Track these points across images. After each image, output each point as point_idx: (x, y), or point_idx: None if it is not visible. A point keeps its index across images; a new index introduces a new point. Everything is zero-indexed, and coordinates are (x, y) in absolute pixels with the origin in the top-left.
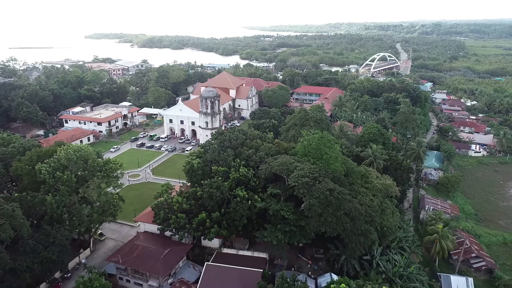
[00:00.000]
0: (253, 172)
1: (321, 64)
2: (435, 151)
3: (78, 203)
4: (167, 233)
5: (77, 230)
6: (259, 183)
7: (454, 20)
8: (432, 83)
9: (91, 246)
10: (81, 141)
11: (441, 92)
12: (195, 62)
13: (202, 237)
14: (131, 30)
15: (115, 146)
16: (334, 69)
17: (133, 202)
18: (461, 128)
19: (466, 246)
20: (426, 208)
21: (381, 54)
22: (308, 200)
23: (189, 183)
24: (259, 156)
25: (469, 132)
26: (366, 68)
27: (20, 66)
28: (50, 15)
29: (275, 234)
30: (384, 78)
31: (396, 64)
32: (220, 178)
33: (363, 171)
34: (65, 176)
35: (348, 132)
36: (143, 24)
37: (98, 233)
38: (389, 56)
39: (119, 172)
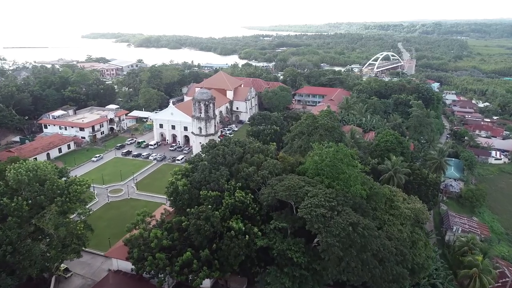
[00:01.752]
0: (252, 196)
1: (322, 64)
2: (453, 159)
3: (30, 238)
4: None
5: (27, 273)
6: (259, 210)
7: (454, 19)
8: (439, 83)
9: (51, 286)
10: (59, 149)
11: (450, 93)
12: (192, 61)
13: (189, 281)
14: (128, 29)
15: (98, 155)
16: (336, 68)
17: (111, 225)
18: (477, 132)
19: (509, 279)
20: (454, 230)
21: (384, 53)
22: (325, 239)
23: (173, 208)
24: (261, 175)
25: (486, 137)
26: (369, 67)
27: (10, 66)
28: (47, 15)
29: (280, 280)
30: (390, 78)
31: (399, 64)
32: (210, 206)
33: (388, 193)
34: (13, 204)
35: (360, 140)
36: (140, 24)
37: (63, 268)
38: (392, 56)
39: (86, 194)
